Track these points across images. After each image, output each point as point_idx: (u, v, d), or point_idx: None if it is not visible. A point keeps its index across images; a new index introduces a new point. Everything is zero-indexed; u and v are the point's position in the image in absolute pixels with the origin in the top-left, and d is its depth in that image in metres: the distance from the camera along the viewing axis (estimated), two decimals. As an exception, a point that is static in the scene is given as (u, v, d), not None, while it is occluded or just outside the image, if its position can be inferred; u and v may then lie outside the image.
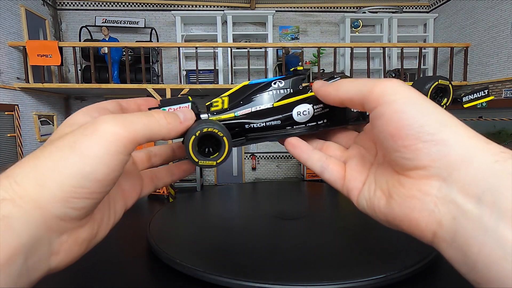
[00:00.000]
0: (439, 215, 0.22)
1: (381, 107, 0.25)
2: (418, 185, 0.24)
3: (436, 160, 0.23)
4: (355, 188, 0.31)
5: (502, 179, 0.20)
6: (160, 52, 4.99)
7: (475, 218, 0.20)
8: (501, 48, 4.33)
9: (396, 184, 0.26)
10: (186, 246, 2.78)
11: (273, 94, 0.39)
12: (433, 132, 0.23)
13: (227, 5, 5.59)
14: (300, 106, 0.36)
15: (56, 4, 5.39)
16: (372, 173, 0.30)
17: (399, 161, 0.25)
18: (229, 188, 5.29)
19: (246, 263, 2.40)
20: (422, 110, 0.24)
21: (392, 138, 0.25)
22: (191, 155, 0.31)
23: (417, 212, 0.24)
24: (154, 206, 4.59)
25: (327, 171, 0.33)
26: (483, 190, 0.20)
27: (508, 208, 0.18)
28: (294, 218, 3.35)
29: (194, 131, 0.30)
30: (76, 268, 1.72)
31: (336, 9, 5.75)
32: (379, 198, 0.28)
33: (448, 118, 0.23)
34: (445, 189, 0.22)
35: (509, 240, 0.18)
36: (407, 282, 2.15)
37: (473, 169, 0.21)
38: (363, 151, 0.33)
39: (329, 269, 2.26)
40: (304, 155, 0.35)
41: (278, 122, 0.38)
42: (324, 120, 0.38)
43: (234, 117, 0.38)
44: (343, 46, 5.10)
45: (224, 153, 0.32)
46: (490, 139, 0.23)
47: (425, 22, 5.66)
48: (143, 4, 5.53)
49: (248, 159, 5.85)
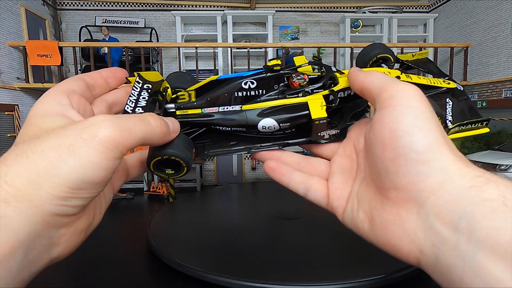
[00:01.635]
0: (419, 243, 0.22)
1: (384, 111, 0.25)
2: (397, 209, 0.24)
3: (414, 183, 0.23)
4: (339, 207, 0.31)
5: (477, 205, 0.19)
6: (160, 52, 4.99)
7: (453, 245, 0.20)
8: (501, 48, 4.33)
9: (378, 207, 0.26)
10: (186, 246, 2.79)
11: (243, 95, 0.37)
12: (419, 150, 0.23)
13: (227, 5, 5.58)
14: (266, 121, 0.35)
15: (56, 4, 5.39)
16: (355, 189, 0.30)
17: (382, 174, 0.25)
18: (229, 188, 5.28)
19: (246, 263, 2.40)
20: (420, 125, 0.23)
21: (383, 145, 0.24)
22: (150, 166, 0.32)
23: (398, 240, 0.24)
24: (154, 206, 4.59)
25: (310, 193, 0.33)
26: (459, 216, 0.20)
27: (484, 237, 0.18)
28: (294, 218, 3.35)
29: (162, 153, 0.31)
30: (76, 268, 1.71)
31: (336, 9, 5.75)
32: (363, 221, 0.28)
33: (441, 139, 0.23)
34: (423, 215, 0.22)
35: (488, 270, 0.18)
36: (407, 282, 2.15)
37: (449, 195, 0.21)
38: (345, 163, 0.33)
39: (329, 269, 2.26)
40: (285, 179, 0.33)
41: (244, 130, 0.36)
42: (289, 135, 0.36)
43: (200, 114, 0.36)
44: (343, 46, 5.10)
45: (179, 175, 0.34)
46: (490, 139, 0.23)
47: (425, 22, 5.66)
48: (143, 4, 5.53)
49: (248, 159, 5.85)
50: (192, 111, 0.36)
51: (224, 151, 0.37)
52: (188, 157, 0.32)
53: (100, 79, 0.32)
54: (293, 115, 0.34)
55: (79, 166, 0.22)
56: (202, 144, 0.37)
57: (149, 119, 0.27)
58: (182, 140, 0.32)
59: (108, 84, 0.33)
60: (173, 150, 0.31)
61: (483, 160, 4.00)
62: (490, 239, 0.18)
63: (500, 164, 3.82)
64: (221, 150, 0.37)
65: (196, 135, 0.37)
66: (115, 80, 0.33)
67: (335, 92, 0.34)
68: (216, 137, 0.37)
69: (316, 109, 0.34)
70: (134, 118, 0.26)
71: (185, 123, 0.36)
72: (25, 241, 0.20)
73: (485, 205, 0.19)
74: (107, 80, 0.32)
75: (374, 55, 0.40)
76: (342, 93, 0.35)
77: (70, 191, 0.22)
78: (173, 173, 0.33)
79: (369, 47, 0.41)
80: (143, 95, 0.33)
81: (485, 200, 0.19)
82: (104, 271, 2.59)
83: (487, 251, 0.18)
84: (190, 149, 0.33)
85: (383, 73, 0.29)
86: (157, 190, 4.91)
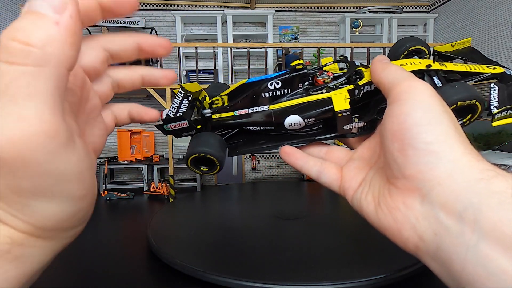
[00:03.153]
0: (421, 230, 0.23)
1: (394, 105, 0.26)
2: (403, 197, 0.24)
3: (422, 172, 0.23)
4: (350, 188, 0.31)
5: (484, 197, 0.19)
6: (160, 52, 4.99)
7: (456, 234, 0.20)
8: (501, 48, 4.33)
9: (385, 193, 0.26)
10: (186, 246, 2.79)
11: (269, 96, 0.39)
12: (428, 141, 0.23)
13: (227, 5, 5.59)
14: (291, 118, 0.37)
15: (56, 4, 5.39)
16: (370, 176, 0.30)
17: (391, 165, 0.25)
18: (229, 188, 5.29)
19: (246, 263, 2.40)
20: (429, 117, 0.23)
21: (392, 137, 0.25)
22: (187, 162, 0.37)
23: (399, 224, 0.24)
24: (154, 206, 4.59)
25: (323, 175, 0.33)
26: (465, 207, 0.20)
27: (489, 228, 0.18)
28: (294, 218, 3.35)
29: (199, 151, 0.35)
30: (76, 268, 1.72)
31: (336, 9, 5.75)
32: (369, 203, 0.28)
33: (451, 132, 0.23)
34: (427, 204, 0.22)
35: (491, 260, 0.18)
36: (407, 282, 2.15)
37: (456, 186, 0.21)
38: (366, 153, 0.33)
39: (329, 269, 2.26)
40: (299, 162, 0.34)
41: (272, 128, 0.39)
42: (317, 131, 0.38)
43: (233, 116, 0.39)
44: (343, 46, 5.09)
45: (212, 173, 0.38)
46: (490, 139, 0.23)
47: (425, 22, 5.66)
48: (143, 4, 5.53)
49: (248, 159, 5.85)
50: (225, 114, 0.40)
51: (253, 149, 0.40)
52: (221, 156, 0.36)
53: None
54: (317, 110, 0.36)
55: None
56: (234, 144, 0.40)
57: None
58: (217, 140, 0.37)
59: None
60: (209, 149, 0.35)
61: (483, 160, 3.99)
62: (496, 230, 0.18)
63: (500, 164, 3.82)
64: (251, 148, 0.40)
65: (229, 136, 0.41)
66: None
67: (360, 86, 0.35)
68: (248, 138, 0.41)
69: (339, 102, 0.35)
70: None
71: (219, 125, 0.40)
72: (45, 266, 0.21)
73: (492, 197, 0.19)
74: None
75: (405, 49, 0.40)
76: (368, 87, 0.35)
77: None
78: (207, 170, 0.38)
79: (400, 41, 0.41)
80: (184, 103, 0.38)
81: (493, 192, 0.19)
82: (104, 271, 2.59)
83: (491, 242, 0.18)
84: (224, 149, 0.38)
85: (400, 66, 0.30)
86: (157, 190, 4.91)
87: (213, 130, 0.40)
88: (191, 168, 0.37)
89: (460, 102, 0.33)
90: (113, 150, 5.68)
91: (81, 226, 0.22)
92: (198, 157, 0.36)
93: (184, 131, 0.39)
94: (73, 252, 2.95)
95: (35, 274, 0.20)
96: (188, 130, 0.39)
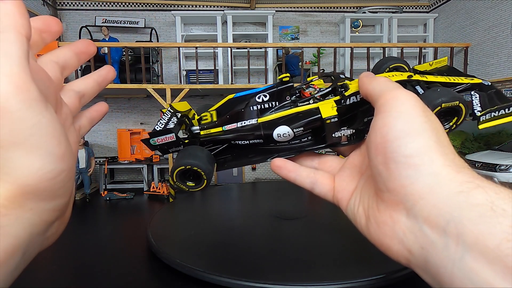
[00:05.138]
0: (408, 244, 0.23)
1: (378, 117, 0.26)
2: (389, 211, 0.25)
3: (404, 186, 0.23)
4: (343, 199, 0.32)
5: (464, 211, 0.20)
6: (160, 52, 4.99)
7: (441, 248, 0.20)
8: (501, 48, 4.33)
9: (373, 206, 0.27)
10: (186, 246, 2.79)
11: (258, 109, 0.39)
12: (407, 154, 0.23)
13: (227, 5, 5.59)
14: (280, 129, 0.37)
15: (56, 4, 5.39)
16: (361, 184, 0.31)
17: (377, 178, 0.25)
18: (229, 188, 5.29)
19: (246, 263, 2.40)
20: (409, 129, 0.23)
21: (375, 151, 0.25)
22: (173, 176, 0.35)
23: (388, 239, 0.25)
24: (154, 206, 4.59)
25: (317, 186, 0.34)
26: (447, 221, 0.20)
27: (472, 242, 0.19)
28: (294, 218, 3.35)
29: (185, 163, 0.34)
30: (76, 268, 1.72)
31: (336, 9, 5.75)
32: (361, 217, 0.29)
33: (431, 143, 0.23)
34: (412, 218, 0.23)
35: (477, 273, 0.18)
36: (407, 282, 2.15)
37: (437, 200, 0.21)
38: (357, 160, 0.33)
39: (329, 269, 2.26)
40: (291, 174, 0.34)
41: (261, 141, 0.39)
42: (306, 143, 0.38)
43: (222, 132, 0.39)
44: (343, 46, 5.10)
45: (198, 189, 0.37)
46: (490, 139, 0.23)
47: (425, 22, 5.66)
48: (143, 4, 5.53)
49: (248, 159, 5.86)
50: (214, 130, 0.40)
51: (242, 163, 0.40)
52: (208, 170, 0.35)
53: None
54: (305, 120, 0.37)
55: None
56: (223, 159, 0.40)
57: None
58: (205, 154, 0.37)
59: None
60: (196, 161, 0.35)
61: (483, 160, 4.00)
62: (479, 244, 0.18)
63: (500, 164, 3.82)
64: (240, 161, 0.40)
65: (218, 151, 0.41)
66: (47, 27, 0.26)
67: (346, 96, 0.36)
68: (237, 153, 0.40)
69: (327, 110, 0.36)
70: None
71: (208, 141, 0.40)
72: (24, 243, 0.20)
73: (473, 210, 0.19)
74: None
75: (386, 66, 0.42)
76: (354, 98, 0.36)
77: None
78: (193, 186, 0.37)
79: (381, 60, 0.43)
80: (172, 120, 0.39)
81: (473, 205, 0.20)
82: (104, 271, 2.59)
83: (475, 255, 0.18)
84: (212, 163, 0.37)
85: (387, 78, 0.30)
86: (157, 190, 4.91)
87: (202, 146, 0.40)
88: (177, 183, 0.36)
89: (444, 104, 0.34)
90: (113, 150, 5.68)
91: (61, 200, 0.22)
92: (184, 170, 0.35)
93: (171, 146, 0.38)
94: (73, 252, 2.95)
95: (13, 256, 0.19)
96: (175, 145, 0.38)
